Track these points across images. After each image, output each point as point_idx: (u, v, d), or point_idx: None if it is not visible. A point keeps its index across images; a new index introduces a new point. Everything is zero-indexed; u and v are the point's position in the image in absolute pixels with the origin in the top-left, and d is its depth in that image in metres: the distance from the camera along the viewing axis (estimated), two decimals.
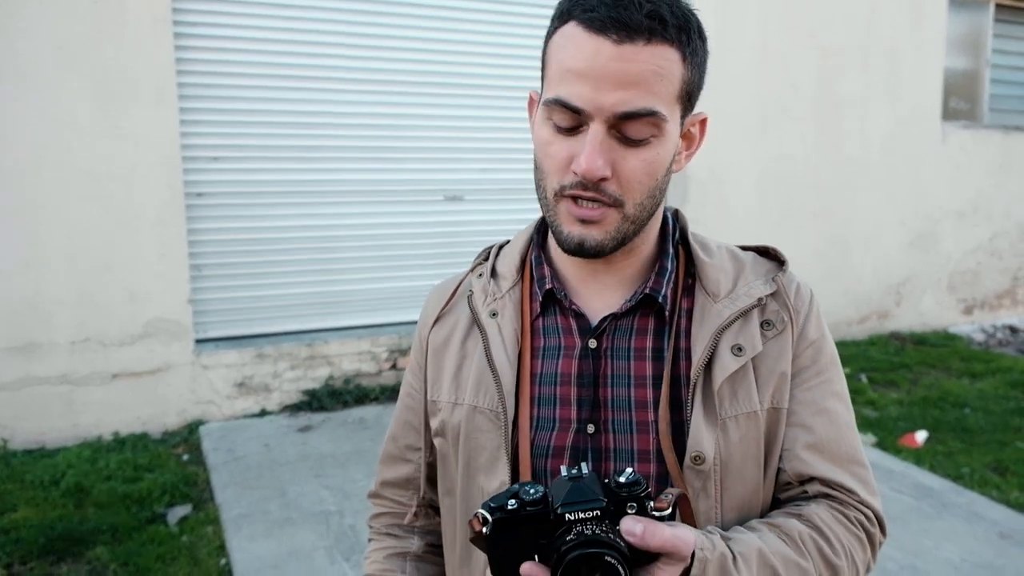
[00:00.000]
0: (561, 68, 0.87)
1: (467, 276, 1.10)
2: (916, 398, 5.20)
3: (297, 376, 4.81)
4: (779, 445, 0.95)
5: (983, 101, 7.24)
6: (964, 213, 7.21)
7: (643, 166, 0.88)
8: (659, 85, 0.85)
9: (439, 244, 5.31)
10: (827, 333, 1.02)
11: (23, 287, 4.13)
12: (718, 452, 0.91)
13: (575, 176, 0.87)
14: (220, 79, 4.62)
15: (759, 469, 0.95)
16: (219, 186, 4.69)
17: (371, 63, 4.97)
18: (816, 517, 0.92)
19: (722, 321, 0.95)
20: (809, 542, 0.89)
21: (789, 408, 0.96)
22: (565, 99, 0.86)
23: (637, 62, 0.83)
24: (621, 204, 0.89)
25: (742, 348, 0.94)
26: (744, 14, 5.89)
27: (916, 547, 3.28)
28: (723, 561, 0.81)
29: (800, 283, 1.02)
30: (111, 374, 4.35)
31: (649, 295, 0.97)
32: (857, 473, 0.97)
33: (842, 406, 0.99)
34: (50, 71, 4.06)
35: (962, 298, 7.36)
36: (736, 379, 0.93)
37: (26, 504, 3.52)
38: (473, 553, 1.00)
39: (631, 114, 0.85)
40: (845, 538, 0.92)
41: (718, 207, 5.90)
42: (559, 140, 0.89)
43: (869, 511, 0.96)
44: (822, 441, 0.95)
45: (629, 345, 0.97)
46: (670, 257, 1.00)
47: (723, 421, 0.92)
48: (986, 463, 4.18)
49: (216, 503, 3.60)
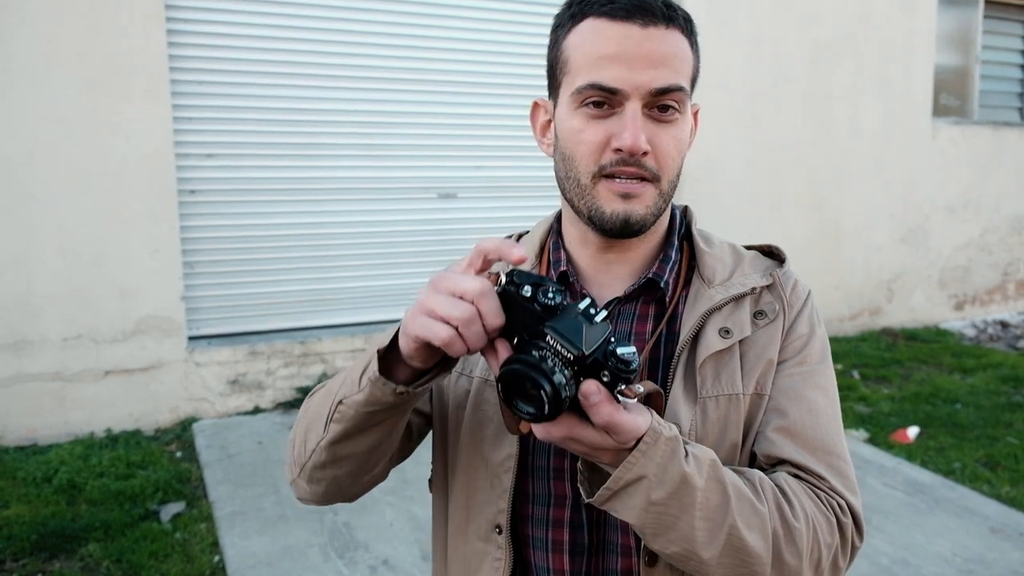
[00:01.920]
0: (590, 57, 0.92)
1: None
2: (908, 394, 5.23)
3: (290, 373, 4.80)
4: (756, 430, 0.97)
5: (973, 97, 7.27)
6: (954, 208, 7.24)
7: (674, 142, 0.94)
8: (680, 65, 0.93)
9: (432, 242, 5.30)
10: (820, 332, 1.02)
11: (14, 283, 4.11)
12: (694, 428, 0.93)
13: (615, 154, 0.92)
14: (213, 76, 4.60)
15: (735, 452, 0.95)
16: (212, 183, 4.68)
17: (364, 60, 4.96)
18: (783, 480, 0.90)
19: (712, 304, 0.98)
20: (769, 493, 0.87)
21: (770, 394, 0.97)
22: (600, 82, 0.91)
23: (663, 43, 0.91)
24: (658, 179, 0.94)
25: (730, 331, 0.97)
26: (735, 6, 5.90)
27: (908, 542, 3.30)
28: (675, 445, 0.80)
29: (798, 281, 1.05)
30: (103, 371, 4.34)
31: (652, 280, 1.01)
32: (832, 464, 0.94)
33: (824, 399, 0.98)
34: (42, 66, 4.04)
35: (953, 294, 7.40)
36: (721, 360, 0.96)
37: (18, 501, 3.51)
38: (472, 518, 1.02)
39: (664, 89, 0.91)
40: (810, 509, 0.89)
41: (710, 200, 5.91)
42: (592, 125, 0.93)
43: (843, 501, 0.93)
44: (795, 425, 0.94)
45: (631, 329, 1.01)
46: (675, 248, 1.04)
47: (703, 400, 0.94)
48: (977, 458, 4.20)
49: (209, 500, 3.59)
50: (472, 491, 1.02)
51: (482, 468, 1.00)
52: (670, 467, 0.79)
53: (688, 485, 0.80)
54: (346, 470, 0.98)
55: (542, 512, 1.00)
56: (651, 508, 0.80)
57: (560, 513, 0.99)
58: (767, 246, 1.09)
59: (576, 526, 0.98)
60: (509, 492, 0.98)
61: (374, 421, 0.90)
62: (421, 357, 0.82)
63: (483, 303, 0.77)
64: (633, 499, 0.80)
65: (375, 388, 0.86)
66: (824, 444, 0.94)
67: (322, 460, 0.96)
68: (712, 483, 0.82)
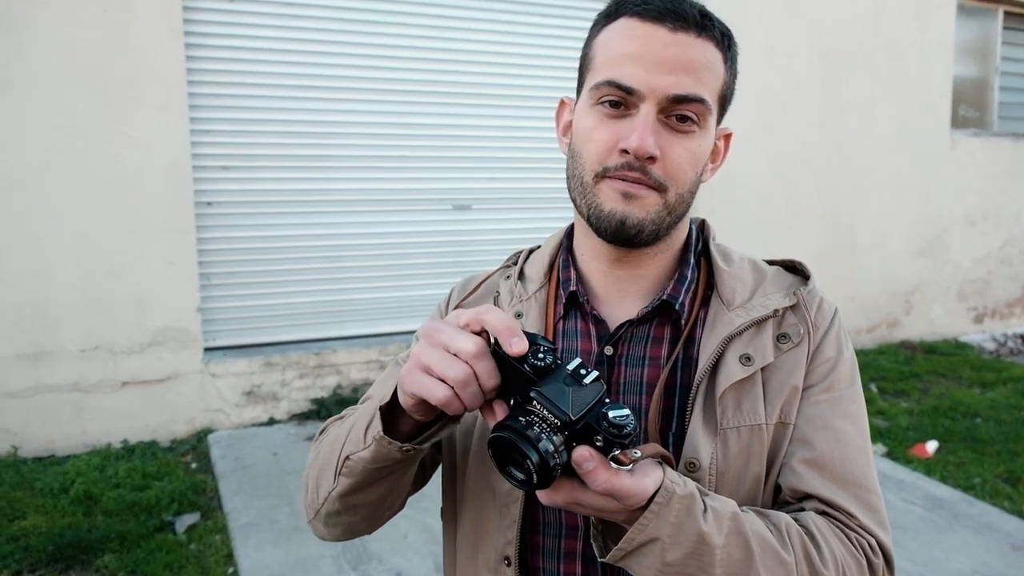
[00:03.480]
0: (613, 55, 0.90)
1: (493, 274, 1.11)
2: (926, 407, 5.17)
3: (305, 385, 4.81)
4: (781, 461, 0.92)
5: (992, 109, 7.22)
6: (973, 220, 7.18)
7: (687, 155, 0.90)
8: (707, 77, 0.89)
9: (447, 253, 5.31)
10: (848, 354, 0.97)
11: (33, 294, 4.15)
12: (714, 461, 0.89)
13: (621, 157, 0.89)
14: (230, 88, 4.64)
15: (759, 484, 0.91)
16: (228, 195, 4.71)
17: (379, 72, 4.99)
18: (811, 522, 0.86)
19: (732, 329, 0.93)
20: (796, 539, 0.82)
21: (795, 423, 0.92)
22: (618, 79, 0.88)
23: (691, 50, 0.88)
24: (665, 189, 0.90)
25: (751, 358, 0.92)
26: (748, 17, 5.89)
27: (927, 558, 3.25)
28: (691, 502, 0.77)
29: (825, 299, 1.00)
30: (120, 382, 4.37)
31: (666, 302, 0.96)
32: (862, 498, 0.89)
33: (853, 428, 0.93)
34: (59, 79, 4.08)
35: (972, 307, 7.32)
36: (742, 389, 0.91)
37: (35, 512, 3.53)
38: (480, 548, 0.99)
39: (682, 97, 0.88)
40: (839, 552, 0.84)
41: (724, 213, 5.89)
42: (604, 124, 0.90)
43: (873, 540, 0.88)
44: (822, 457, 0.89)
45: (644, 353, 0.96)
46: (690, 266, 1.00)
47: (723, 431, 0.89)
48: (998, 473, 4.15)
49: (224, 511, 3.60)
50: (480, 520, 0.99)
51: (490, 497, 0.97)
52: (685, 526, 0.76)
53: (706, 544, 0.77)
54: (360, 516, 0.97)
55: (553, 543, 0.96)
56: (667, 568, 0.77)
57: (572, 544, 0.95)
58: (790, 261, 1.04)
59: (588, 559, 0.94)
60: (517, 523, 0.94)
61: (382, 475, 0.90)
62: (421, 411, 0.82)
63: (479, 364, 0.76)
64: (647, 559, 0.77)
65: (380, 446, 0.85)
66: (853, 477, 0.90)
67: (335, 509, 0.96)
68: (733, 537, 0.78)
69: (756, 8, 5.92)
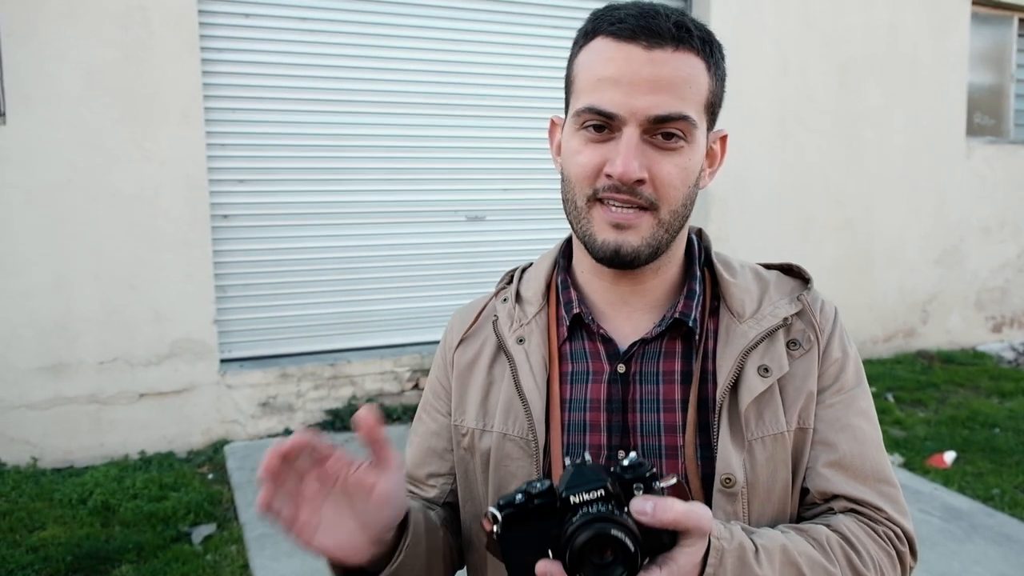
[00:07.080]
0: (592, 78, 0.89)
1: (491, 300, 1.09)
2: (944, 417, 5.13)
3: (320, 396, 4.84)
4: (805, 465, 0.94)
5: (1008, 116, 7.17)
6: (990, 229, 7.12)
7: (677, 172, 0.89)
8: (688, 91, 0.88)
9: (461, 264, 5.33)
10: (852, 351, 1.00)
11: (53, 307, 4.20)
12: (746, 474, 0.90)
13: (608, 180, 0.88)
14: (246, 103, 4.69)
15: (787, 490, 0.93)
16: (244, 208, 4.76)
17: (392, 85, 5.03)
18: (845, 527, 0.90)
19: (747, 342, 0.94)
20: (837, 548, 0.87)
21: (813, 427, 0.94)
22: (598, 105, 0.88)
23: (668, 66, 0.86)
24: (656, 208, 0.90)
25: (768, 369, 0.93)
26: (762, 28, 5.89)
27: (945, 569, 3.22)
28: (742, 553, 0.78)
29: (824, 301, 1.01)
30: (138, 393, 4.40)
31: (679, 319, 0.96)
32: (884, 491, 0.94)
33: (867, 424, 0.96)
34: (79, 95, 4.15)
35: (990, 316, 7.26)
36: (762, 400, 0.92)
37: (54, 522, 3.56)
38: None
39: (664, 117, 0.87)
40: (874, 551, 0.89)
41: (739, 223, 5.88)
42: (590, 148, 0.90)
43: (898, 529, 0.93)
44: (845, 458, 0.93)
45: (658, 369, 0.96)
46: (698, 280, 1.00)
47: (750, 443, 0.91)
48: (1016, 484, 4.10)
49: (240, 522, 3.62)
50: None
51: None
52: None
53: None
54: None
55: None
56: None
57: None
58: (787, 265, 1.05)
59: None
60: None
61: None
62: (359, 557, 0.86)
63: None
64: None
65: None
66: (875, 472, 0.94)
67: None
68: (786, 568, 0.81)
69: (770, 19, 5.93)
